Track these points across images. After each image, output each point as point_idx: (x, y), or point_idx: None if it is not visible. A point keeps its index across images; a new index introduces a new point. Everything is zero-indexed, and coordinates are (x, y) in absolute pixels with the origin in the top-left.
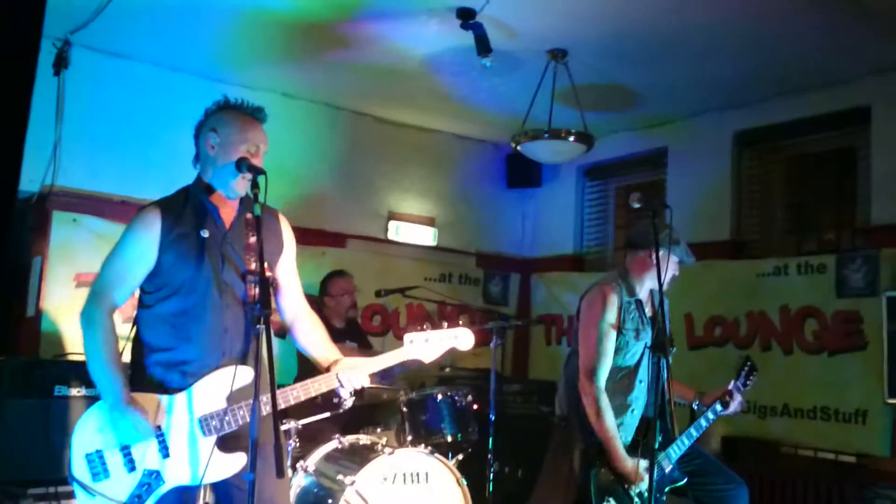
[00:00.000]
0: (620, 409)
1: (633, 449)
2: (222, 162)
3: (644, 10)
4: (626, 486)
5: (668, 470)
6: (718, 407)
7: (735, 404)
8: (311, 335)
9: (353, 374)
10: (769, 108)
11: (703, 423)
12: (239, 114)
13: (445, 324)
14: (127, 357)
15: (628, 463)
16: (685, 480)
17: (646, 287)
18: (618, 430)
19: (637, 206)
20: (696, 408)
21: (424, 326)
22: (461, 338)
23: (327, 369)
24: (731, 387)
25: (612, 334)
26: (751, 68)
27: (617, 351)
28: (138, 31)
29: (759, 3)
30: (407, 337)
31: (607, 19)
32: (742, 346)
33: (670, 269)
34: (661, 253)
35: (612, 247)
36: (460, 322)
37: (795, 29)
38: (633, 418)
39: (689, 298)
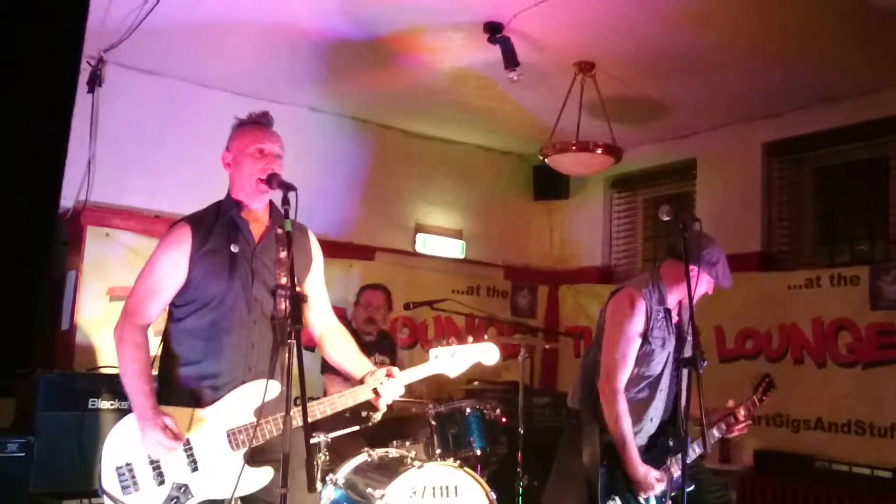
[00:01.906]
0: (639, 417)
1: (647, 455)
2: (239, 175)
3: (672, 22)
4: (636, 491)
5: (676, 476)
6: (715, 432)
7: (738, 428)
8: (342, 348)
9: (388, 385)
10: (799, 118)
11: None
12: (244, 126)
13: (471, 338)
14: (156, 370)
15: (641, 470)
16: (692, 487)
17: (675, 296)
18: (634, 436)
19: (666, 218)
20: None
21: (450, 341)
22: (487, 353)
23: (360, 381)
24: (740, 405)
25: (637, 341)
26: (780, 79)
27: (642, 359)
28: (170, 49)
29: (788, 13)
30: (432, 352)
31: (634, 31)
32: (774, 358)
33: (703, 286)
34: (695, 269)
35: (641, 258)
36: (486, 337)
37: (825, 39)
38: (651, 426)
39: (719, 311)
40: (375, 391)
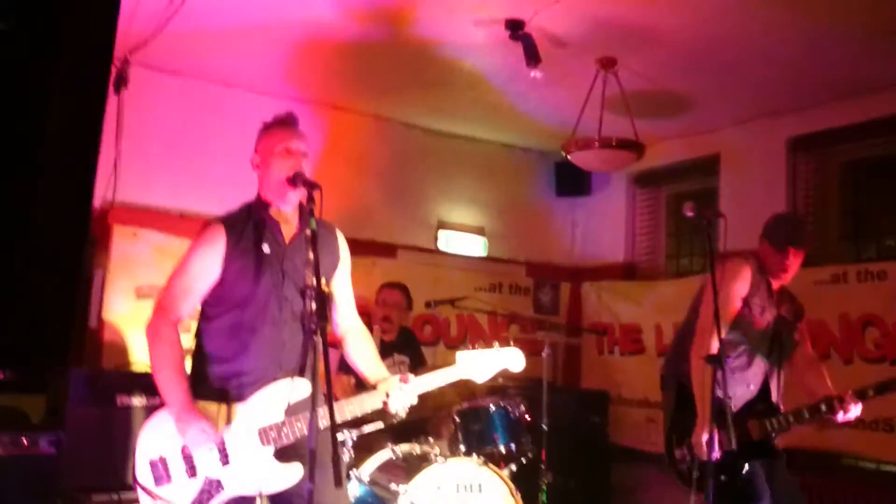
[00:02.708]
0: (736, 382)
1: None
2: (266, 175)
3: (693, 16)
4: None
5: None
6: (823, 407)
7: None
8: (361, 351)
9: (399, 394)
10: (824, 112)
11: (805, 415)
12: (269, 127)
13: (497, 343)
14: (188, 367)
15: (704, 435)
16: (746, 468)
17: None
18: (730, 401)
19: (690, 215)
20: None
21: (476, 345)
22: (513, 359)
23: (374, 387)
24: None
25: (737, 303)
26: (804, 72)
27: (741, 323)
28: (194, 50)
29: (814, 4)
30: (459, 355)
31: (656, 26)
32: None
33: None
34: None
35: (664, 254)
36: (510, 341)
37: (850, 31)
38: (748, 392)
39: None
40: (385, 401)
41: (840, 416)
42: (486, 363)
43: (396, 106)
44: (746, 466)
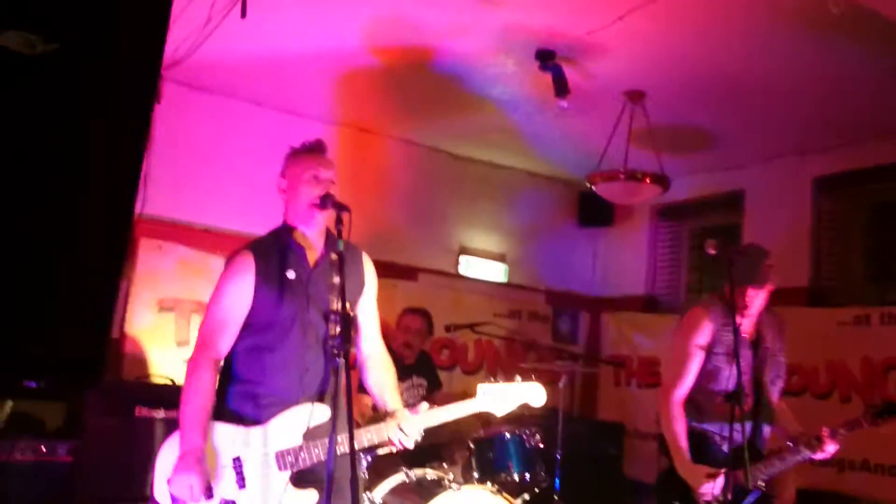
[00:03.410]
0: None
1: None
2: (295, 201)
3: (724, 53)
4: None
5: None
6: (804, 449)
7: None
8: (378, 378)
9: (405, 436)
10: (851, 152)
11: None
12: (298, 153)
13: (519, 377)
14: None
15: (687, 472)
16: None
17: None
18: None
19: (713, 252)
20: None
21: (497, 377)
22: (534, 394)
23: (384, 419)
24: (826, 433)
25: (697, 355)
26: (832, 112)
27: (709, 375)
28: (226, 69)
29: (841, 45)
30: (480, 388)
31: (686, 61)
32: (821, 395)
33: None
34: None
35: (685, 289)
36: (531, 370)
37: (879, 71)
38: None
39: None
40: (390, 437)
41: (818, 456)
42: (507, 397)
43: (423, 130)
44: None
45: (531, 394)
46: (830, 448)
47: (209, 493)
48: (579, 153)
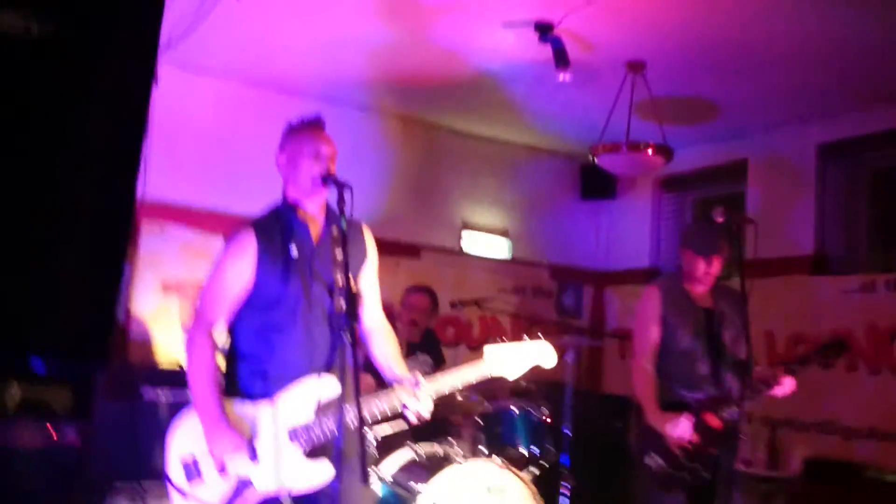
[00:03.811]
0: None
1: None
2: (295, 177)
3: (724, 19)
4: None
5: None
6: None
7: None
8: (383, 349)
9: (417, 401)
10: (855, 119)
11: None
12: (297, 129)
13: (526, 336)
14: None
15: (656, 420)
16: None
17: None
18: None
19: (720, 220)
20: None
21: (503, 338)
22: (544, 353)
23: (391, 389)
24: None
25: (654, 326)
26: (836, 78)
27: (667, 346)
28: (224, 51)
29: (845, 8)
30: (487, 349)
31: (687, 30)
32: (826, 364)
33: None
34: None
35: None
36: (539, 335)
37: (883, 37)
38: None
39: (769, 315)
40: (403, 403)
41: (777, 391)
42: (516, 358)
43: (423, 107)
44: (716, 453)
45: (541, 353)
46: (787, 383)
47: (248, 443)
48: (581, 126)
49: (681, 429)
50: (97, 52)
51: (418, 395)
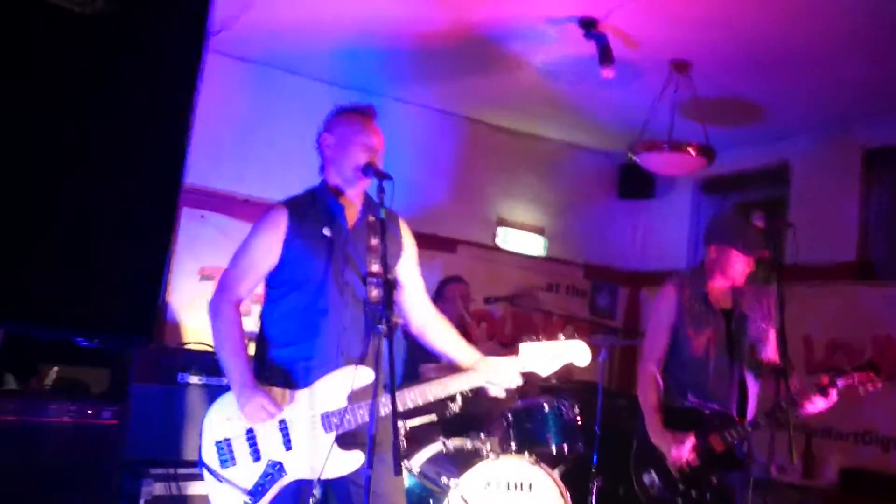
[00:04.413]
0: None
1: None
2: (340, 161)
3: (771, 18)
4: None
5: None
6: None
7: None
8: (447, 337)
9: (504, 375)
10: None
11: (761, 422)
12: (350, 114)
13: (561, 336)
14: (251, 351)
15: (658, 437)
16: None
17: (719, 281)
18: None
19: (761, 225)
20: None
21: (539, 337)
22: (579, 354)
23: (469, 369)
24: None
25: (666, 328)
26: (882, 79)
27: (678, 351)
28: (266, 39)
29: (893, 5)
30: (522, 347)
31: (733, 29)
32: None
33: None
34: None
35: None
36: (575, 335)
37: None
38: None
39: (808, 320)
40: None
41: (808, 409)
42: (550, 356)
43: (462, 100)
44: (714, 480)
45: (576, 352)
46: (818, 401)
47: (279, 405)
48: (621, 124)
49: (683, 451)
50: (151, 34)
51: (506, 374)
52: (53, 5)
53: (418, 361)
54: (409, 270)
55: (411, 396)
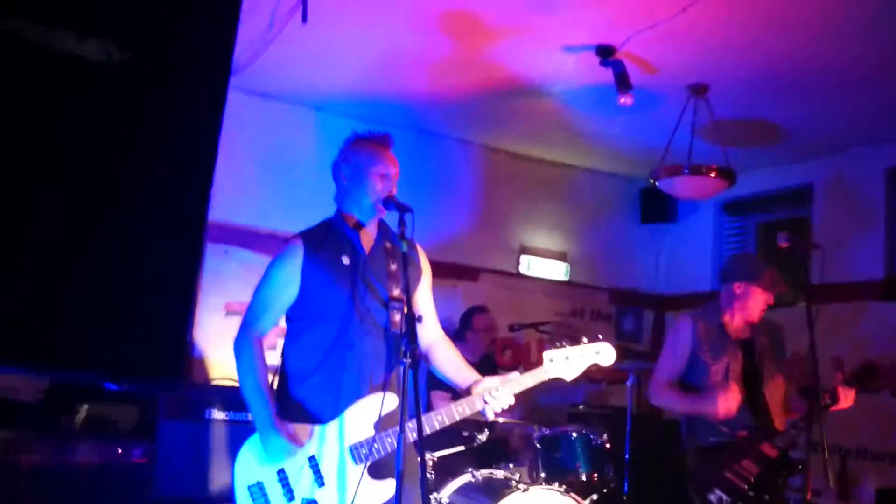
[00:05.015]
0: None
1: None
2: (356, 192)
3: (789, 41)
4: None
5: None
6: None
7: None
8: (449, 360)
9: (497, 394)
10: None
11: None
12: (365, 142)
13: (585, 339)
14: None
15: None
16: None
17: (736, 315)
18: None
19: (785, 245)
20: None
21: (563, 343)
22: (602, 353)
23: (468, 392)
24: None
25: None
26: None
27: (698, 377)
28: (287, 75)
29: None
30: (546, 355)
31: (750, 52)
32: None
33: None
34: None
35: None
36: (599, 336)
37: None
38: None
39: (837, 341)
40: (484, 400)
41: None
42: (575, 359)
43: (482, 129)
44: (780, 482)
45: (600, 353)
46: (845, 396)
47: (301, 441)
48: (641, 149)
49: (733, 399)
50: (173, 77)
51: (494, 390)
52: (74, 57)
53: (428, 389)
54: (424, 294)
55: (438, 419)
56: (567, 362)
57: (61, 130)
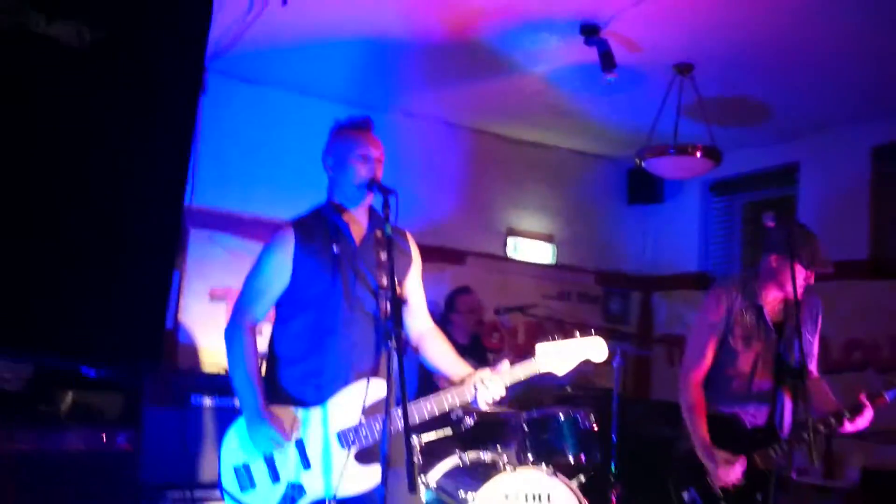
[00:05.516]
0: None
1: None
2: (341, 178)
3: (775, 19)
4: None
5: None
6: (821, 427)
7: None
8: (440, 351)
9: (488, 386)
10: None
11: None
12: (346, 129)
13: (577, 332)
14: (263, 372)
15: (711, 457)
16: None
17: (771, 293)
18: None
19: (771, 224)
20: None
21: (555, 336)
22: (595, 349)
23: (460, 383)
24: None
25: (712, 336)
26: (890, 77)
27: (724, 357)
28: (270, 59)
29: None
30: (538, 347)
31: (736, 30)
32: (884, 369)
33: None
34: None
35: (739, 264)
36: (592, 331)
37: None
38: (752, 420)
39: (822, 320)
40: (475, 392)
41: (848, 427)
42: (567, 354)
43: (468, 112)
44: (759, 498)
45: (592, 349)
46: (867, 415)
47: (288, 433)
48: (627, 130)
49: (733, 475)
50: (146, 59)
51: (486, 381)
52: (48, 39)
53: (432, 373)
54: (415, 283)
55: (428, 407)
56: (559, 358)
57: (34, 113)
